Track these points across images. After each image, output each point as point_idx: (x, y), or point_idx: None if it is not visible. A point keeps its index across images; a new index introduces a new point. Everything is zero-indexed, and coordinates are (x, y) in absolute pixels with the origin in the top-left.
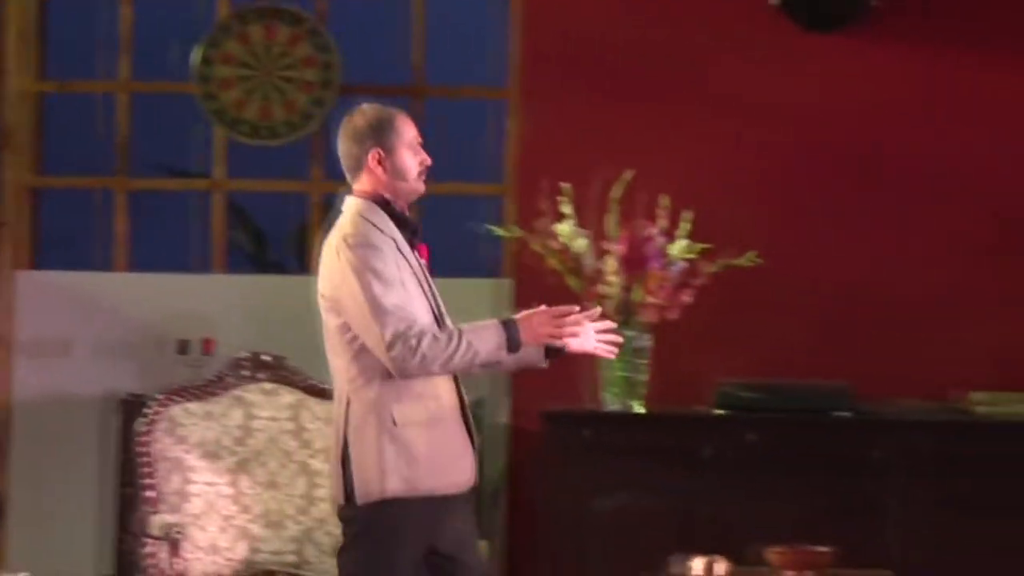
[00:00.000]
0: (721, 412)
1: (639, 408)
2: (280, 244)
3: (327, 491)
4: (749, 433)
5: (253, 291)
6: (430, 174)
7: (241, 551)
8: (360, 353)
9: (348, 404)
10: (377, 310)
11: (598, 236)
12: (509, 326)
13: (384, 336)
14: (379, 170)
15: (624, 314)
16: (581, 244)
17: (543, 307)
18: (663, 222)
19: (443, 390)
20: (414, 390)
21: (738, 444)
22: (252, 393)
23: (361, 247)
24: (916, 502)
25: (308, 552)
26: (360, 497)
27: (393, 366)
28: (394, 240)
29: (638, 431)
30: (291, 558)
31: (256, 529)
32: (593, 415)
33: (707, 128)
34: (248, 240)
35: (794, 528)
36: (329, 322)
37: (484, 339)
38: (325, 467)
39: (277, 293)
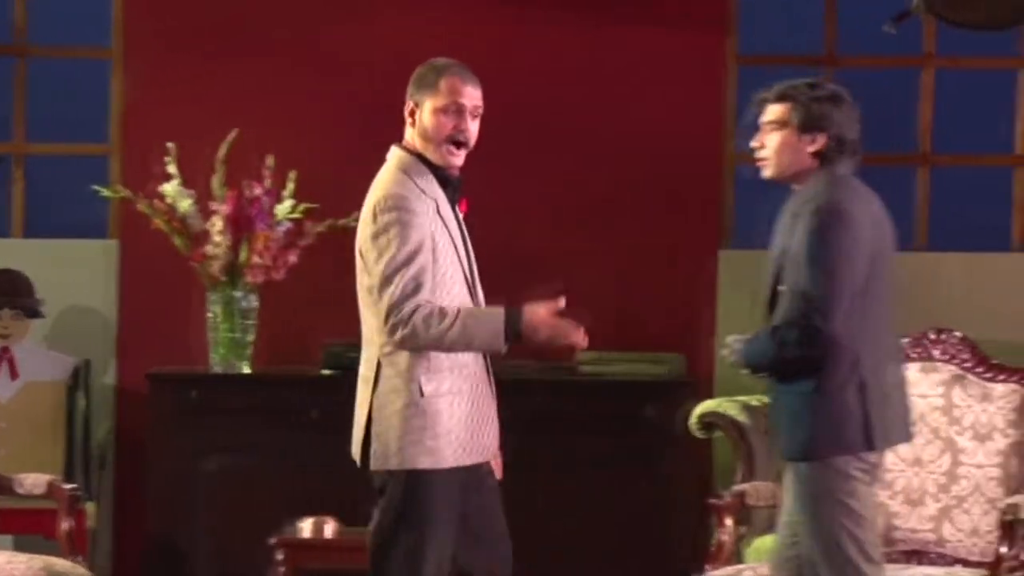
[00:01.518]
0: (328, 372)
1: (246, 369)
2: None
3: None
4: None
5: None
6: (38, 132)
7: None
8: None
9: (379, 368)
10: (386, 280)
11: (204, 196)
12: (512, 317)
13: (383, 307)
14: (410, 122)
15: (230, 275)
16: (186, 205)
17: (545, 306)
18: (269, 182)
19: (470, 358)
20: (443, 361)
21: (346, 404)
22: None
23: (392, 211)
24: (525, 461)
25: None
26: (374, 462)
27: (386, 338)
28: (435, 201)
29: (245, 392)
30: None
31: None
32: (200, 376)
33: (314, 87)
34: None
35: None
36: (362, 281)
37: (482, 324)
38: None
39: None
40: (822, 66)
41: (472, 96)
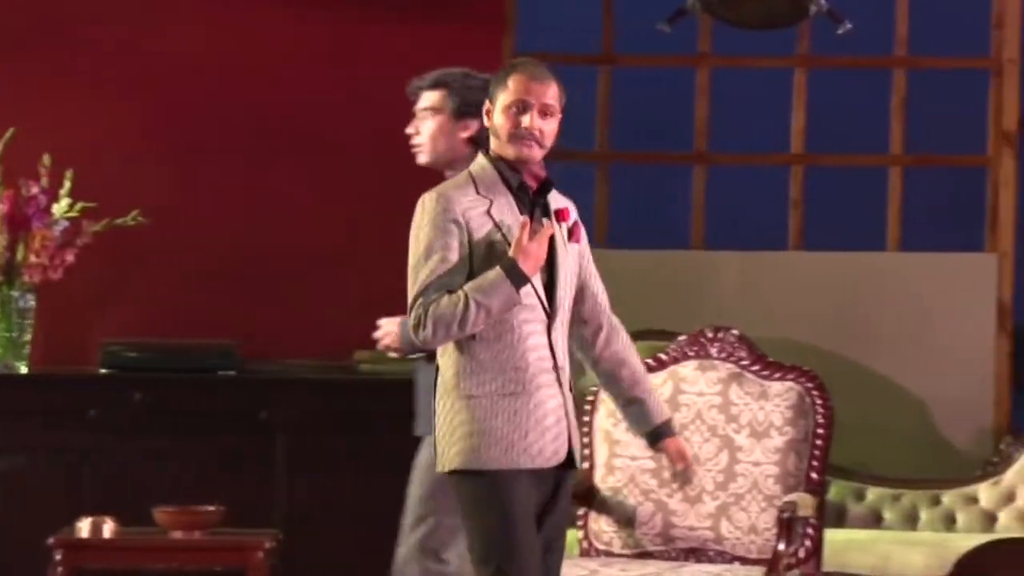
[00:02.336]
0: (107, 372)
1: (23, 368)
2: None
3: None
4: (135, 392)
5: None
6: None
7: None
8: None
9: (437, 371)
10: (411, 274)
11: None
12: (511, 269)
13: (409, 301)
14: (488, 123)
15: (7, 274)
16: None
17: (524, 224)
18: (46, 181)
19: (527, 360)
20: (489, 361)
21: (125, 403)
22: None
23: (430, 202)
24: (301, 460)
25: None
26: (436, 465)
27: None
28: (490, 200)
29: (23, 392)
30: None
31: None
32: None
33: (90, 85)
34: None
35: (183, 488)
36: None
37: (491, 292)
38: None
39: None
40: (600, 64)
41: (539, 93)
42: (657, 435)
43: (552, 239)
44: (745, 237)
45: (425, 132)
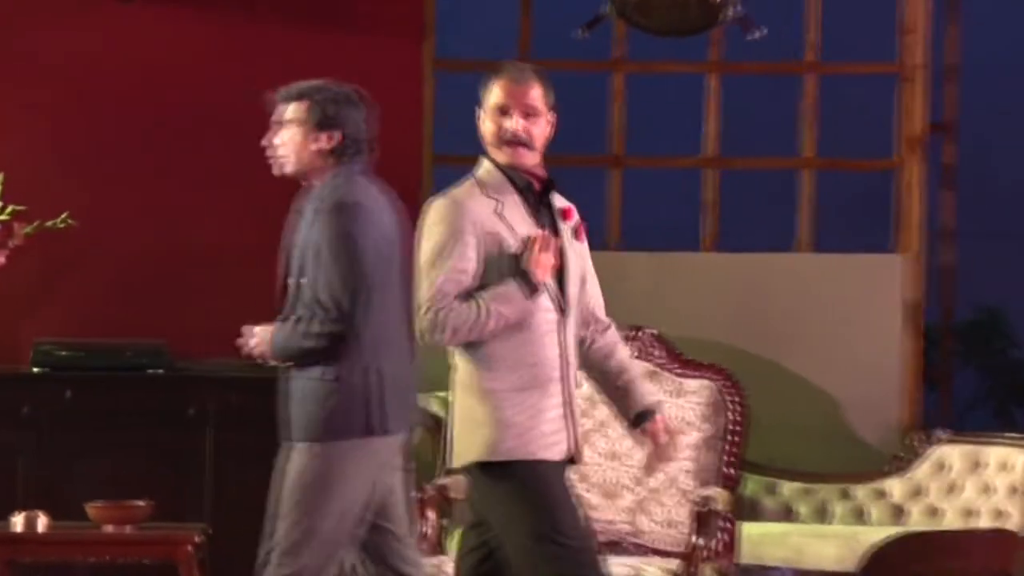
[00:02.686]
0: (38, 370)
1: None
2: None
3: None
4: (66, 390)
5: None
6: None
7: None
8: None
9: (455, 368)
10: (422, 275)
11: None
12: (522, 277)
13: (418, 303)
14: (480, 129)
15: None
16: None
17: (538, 237)
18: None
19: (542, 356)
20: (505, 357)
21: (56, 401)
22: None
23: (443, 207)
24: (229, 456)
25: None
26: (454, 460)
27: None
28: (498, 201)
29: None
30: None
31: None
32: None
33: (19, 91)
34: None
35: (114, 483)
36: None
37: (508, 302)
38: None
39: None
40: None
41: (519, 95)
42: (643, 417)
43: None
44: (659, 238)
45: (286, 143)
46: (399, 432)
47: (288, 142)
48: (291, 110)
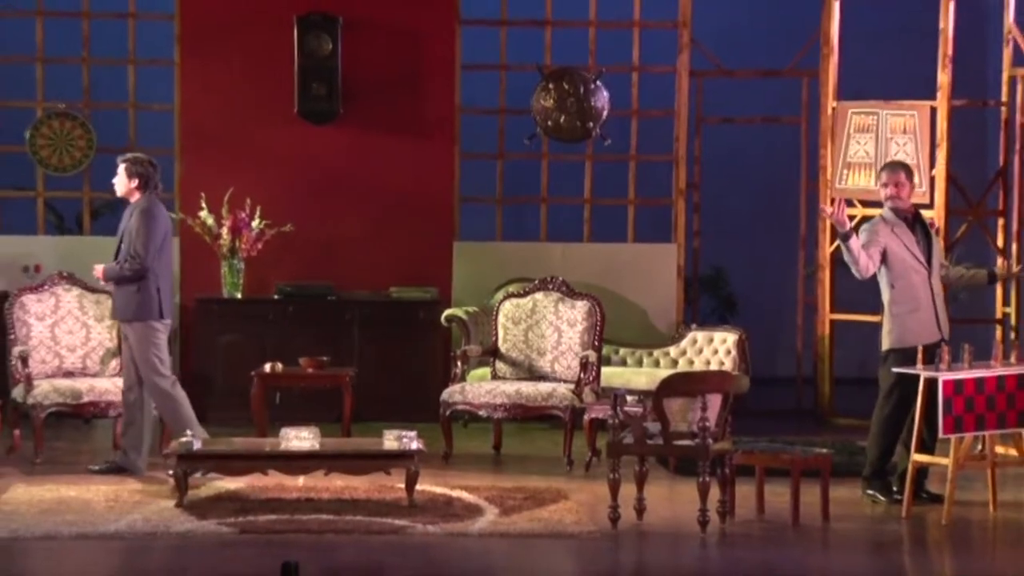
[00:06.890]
0: (277, 297)
1: (238, 295)
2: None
3: None
4: (289, 307)
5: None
6: None
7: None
8: None
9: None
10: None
11: None
12: (843, 237)
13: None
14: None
15: None
16: None
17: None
18: None
19: (919, 295)
20: (901, 294)
21: (285, 312)
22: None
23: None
24: (364, 339)
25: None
26: (883, 343)
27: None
28: (892, 225)
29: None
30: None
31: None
32: None
33: (261, 167)
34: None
35: (311, 351)
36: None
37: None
38: None
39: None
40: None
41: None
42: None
43: (927, 232)
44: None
45: (120, 183)
46: (168, 318)
47: (120, 183)
48: (121, 166)
